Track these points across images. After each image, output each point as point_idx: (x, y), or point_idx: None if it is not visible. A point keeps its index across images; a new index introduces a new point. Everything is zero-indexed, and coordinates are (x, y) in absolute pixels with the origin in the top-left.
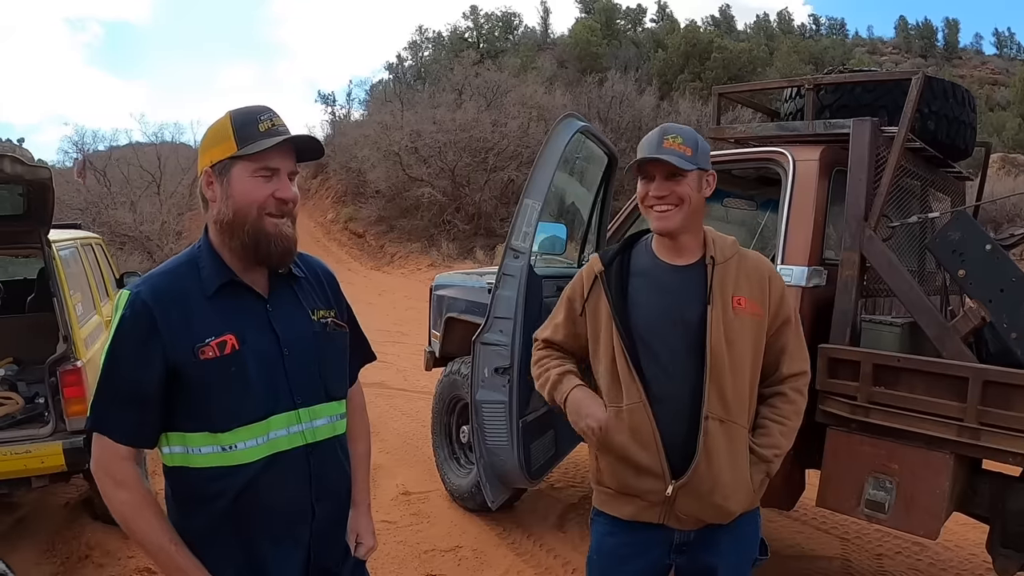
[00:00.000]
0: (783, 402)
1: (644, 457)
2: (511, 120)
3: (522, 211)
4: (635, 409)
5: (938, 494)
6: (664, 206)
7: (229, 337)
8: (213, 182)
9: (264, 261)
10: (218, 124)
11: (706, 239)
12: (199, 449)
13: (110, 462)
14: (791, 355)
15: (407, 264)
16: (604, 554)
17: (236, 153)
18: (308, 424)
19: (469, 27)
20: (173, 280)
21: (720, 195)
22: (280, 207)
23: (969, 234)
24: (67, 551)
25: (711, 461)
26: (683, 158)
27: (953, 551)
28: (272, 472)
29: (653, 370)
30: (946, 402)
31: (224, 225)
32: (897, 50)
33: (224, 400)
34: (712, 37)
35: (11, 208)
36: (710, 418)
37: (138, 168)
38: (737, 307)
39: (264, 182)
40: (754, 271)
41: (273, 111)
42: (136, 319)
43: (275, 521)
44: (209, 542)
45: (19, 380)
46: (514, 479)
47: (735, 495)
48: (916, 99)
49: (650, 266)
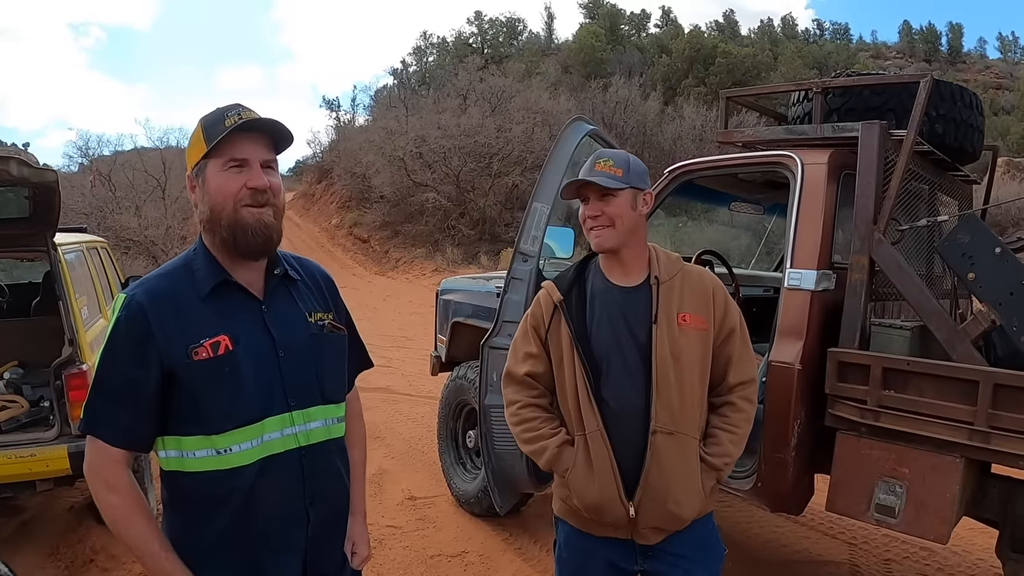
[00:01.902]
0: (732, 411)
1: (605, 496)
2: (516, 125)
3: (531, 215)
4: (593, 437)
5: (948, 498)
6: (598, 226)
7: (223, 338)
8: (195, 186)
9: (246, 253)
10: (194, 130)
11: (650, 258)
12: (193, 453)
13: (103, 465)
14: (738, 364)
15: (412, 269)
16: (573, 549)
17: (206, 151)
18: (302, 427)
19: (474, 32)
20: (168, 282)
21: (726, 199)
22: (255, 196)
23: (978, 237)
24: (71, 555)
25: (661, 472)
26: (612, 178)
27: (961, 556)
28: (266, 475)
29: (612, 392)
30: (956, 406)
31: (205, 223)
32: (901, 54)
33: (218, 401)
34: (716, 42)
35: (17, 211)
36: (658, 432)
37: (143, 173)
38: (683, 323)
39: (236, 174)
40: (697, 286)
41: (243, 106)
42: (131, 321)
43: (270, 526)
44: (204, 547)
45: (24, 383)
46: (522, 484)
47: (687, 501)
48: (925, 102)
49: (602, 289)
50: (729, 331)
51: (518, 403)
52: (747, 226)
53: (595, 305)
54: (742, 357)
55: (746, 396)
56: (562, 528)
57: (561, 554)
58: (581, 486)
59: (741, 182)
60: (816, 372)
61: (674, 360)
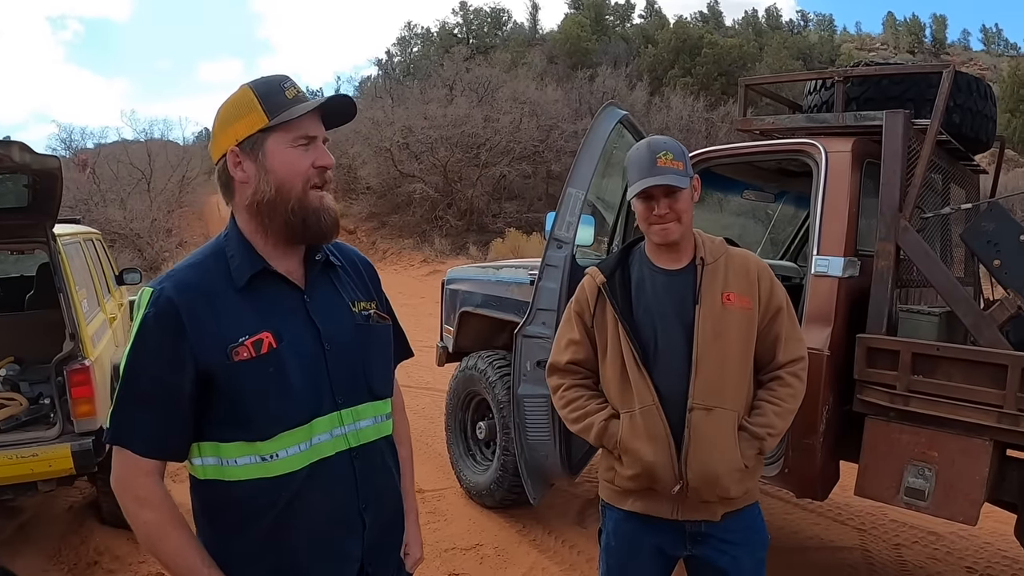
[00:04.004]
0: (779, 385)
1: (659, 459)
2: (503, 115)
3: (566, 200)
4: (648, 411)
5: (977, 480)
6: (666, 221)
7: (265, 335)
8: (242, 161)
9: (315, 238)
10: (236, 98)
11: (696, 241)
12: (235, 460)
13: (132, 478)
14: (787, 343)
15: (399, 260)
16: (621, 537)
17: (268, 124)
18: (351, 426)
19: (458, 23)
20: (199, 274)
21: (739, 187)
22: (322, 176)
23: (1003, 225)
24: (74, 557)
25: (700, 445)
26: (678, 174)
27: (968, 539)
28: (315, 481)
29: (659, 373)
30: (985, 389)
31: (263, 205)
32: (885, 45)
33: (263, 405)
34: (702, 33)
35: (15, 200)
36: (695, 408)
37: (127, 165)
38: (727, 302)
39: (304, 151)
40: (742, 267)
41: (289, 78)
42: (160, 318)
43: (321, 535)
44: (248, 564)
45: (21, 380)
46: (554, 473)
47: (728, 473)
48: (948, 92)
49: (647, 273)
50: (776, 310)
51: (562, 386)
52: (746, 213)
53: (640, 288)
54: (790, 336)
55: (795, 373)
56: (610, 516)
57: (609, 543)
58: (635, 447)
59: (754, 170)
60: (843, 358)
61: (716, 337)
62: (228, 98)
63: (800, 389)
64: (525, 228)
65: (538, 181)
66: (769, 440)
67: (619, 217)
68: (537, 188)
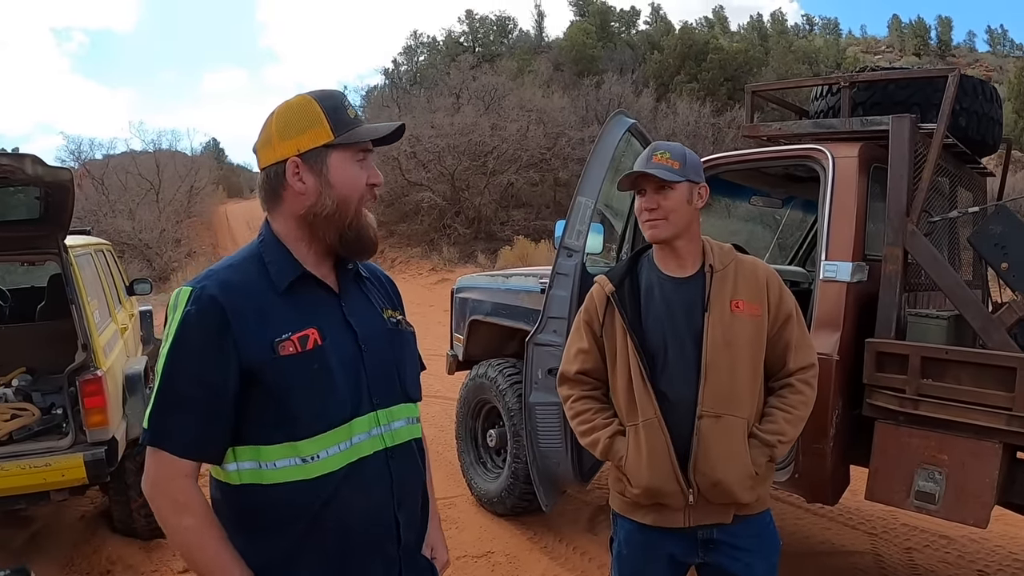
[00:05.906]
0: (790, 392)
1: (658, 479)
2: (510, 123)
3: (575, 209)
4: (650, 424)
5: (988, 483)
6: (654, 217)
7: (311, 331)
8: (302, 172)
9: (360, 253)
10: (301, 109)
11: (704, 249)
12: (274, 463)
13: (170, 482)
14: (797, 349)
15: (408, 269)
16: (633, 545)
17: (335, 141)
18: (387, 427)
19: (464, 31)
20: (240, 274)
21: (747, 193)
22: (372, 193)
23: (1011, 228)
24: (87, 567)
25: (709, 452)
26: (669, 171)
27: (979, 543)
28: (353, 481)
29: (667, 381)
30: (994, 392)
31: (320, 218)
32: (891, 48)
33: (309, 401)
34: (708, 38)
35: (27, 212)
36: (704, 416)
37: (136, 176)
38: (736, 309)
39: (361, 168)
40: (751, 274)
41: (342, 93)
42: (203, 315)
43: (359, 538)
44: (285, 569)
45: (34, 390)
46: (566, 480)
47: (738, 480)
48: (954, 96)
49: (656, 280)
50: (786, 317)
51: (571, 397)
52: (754, 218)
53: (649, 297)
54: (800, 343)
55: (806, 380)
56: (622, 525)
57: (621, 551)
58: (636, 471)
59: (762, 175)
60: (852, 363)
61: (726, 345)
62: (287, 105)
63: (811, 396)
64: (533, 236)
65: (546, 188)
66: (780, 447)
67: (628, 225)
68: (545, 195)
